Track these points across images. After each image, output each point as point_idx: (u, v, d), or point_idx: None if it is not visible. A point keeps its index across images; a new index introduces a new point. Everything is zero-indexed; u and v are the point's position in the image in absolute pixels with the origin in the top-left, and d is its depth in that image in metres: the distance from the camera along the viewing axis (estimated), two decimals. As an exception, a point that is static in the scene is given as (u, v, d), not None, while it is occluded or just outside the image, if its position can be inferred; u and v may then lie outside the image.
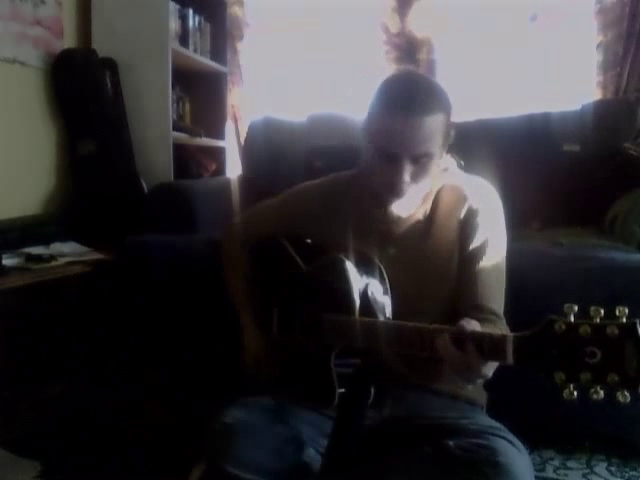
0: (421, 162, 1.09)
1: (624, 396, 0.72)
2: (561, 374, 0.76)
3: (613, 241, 1.78)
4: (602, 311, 0.74)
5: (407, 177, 1.09)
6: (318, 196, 1.31)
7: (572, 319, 0.76)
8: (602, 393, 0.73)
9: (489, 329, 0.98)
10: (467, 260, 1.15)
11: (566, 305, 0.77)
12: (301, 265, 1.28)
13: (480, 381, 0.99)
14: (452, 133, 1.14)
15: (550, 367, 0.77)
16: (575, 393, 0.75)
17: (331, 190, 1.30)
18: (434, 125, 1.07)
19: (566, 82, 2.71)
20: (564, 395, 0.75)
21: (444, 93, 1.13)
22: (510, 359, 0.84)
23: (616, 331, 0.72)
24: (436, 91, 1.11)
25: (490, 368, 0.91)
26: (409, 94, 1.07)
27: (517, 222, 1.26)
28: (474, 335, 0.88)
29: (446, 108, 1.10)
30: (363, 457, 1.07)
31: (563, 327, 0.76)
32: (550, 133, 2.22)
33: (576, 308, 0.76)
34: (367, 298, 1.09)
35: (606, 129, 2.17)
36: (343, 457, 1.06)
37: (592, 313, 0.75)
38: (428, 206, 1.20)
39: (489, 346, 0.86)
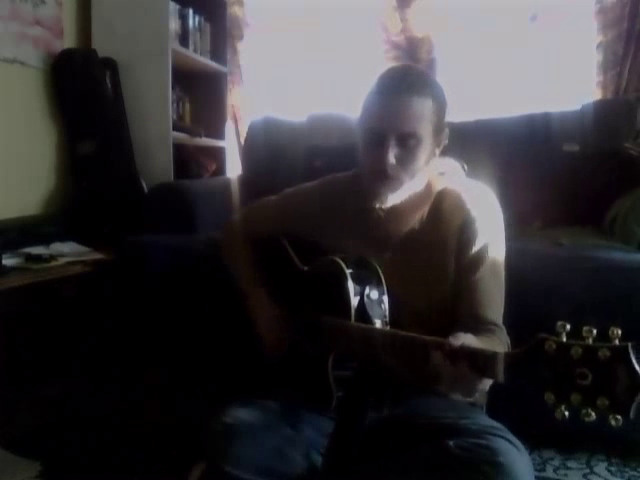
0: (408, 145, 1.10)
1: (616, 420, 0.70)
2: (551, 395, 0.74)
3: (613, 241, 1.78)
4: (594, 332, 0.72)
5: (392, 158, 1.09)
6: (317, 197, 1.31)
7: (564, 338, 0.74)
8: (593, 415, 0.72)
9: (488, 341, 0.98)
10: (466, 268, 1.14)
11: (558, 323, 0.74)
12: (299, 266, 1.28)
13: (476, 394, 0.98)
14: (446, 131, 1.16)
15: (541, 387, 0.76)
16: (566, 413, 0.73)
17: (329, 191, 1.31)
18: (422, 107, 1.09)
19: (566, 82, 2.71)
20: (556, 415, 0.74)
21: (438, 85, 1.16)
22: (500, 377, 0.83)
23: (608, 354, 0.70)
24: (429, 80, 1.15)
25: (486, 383, 0.91)
26: (400, 77, 1.11)
27: (517, 222, 1.27)
28: (465, 351, 0.87)
29: (437, 97, 1.13)
30: (363, 457, 1.07)
31: (554, 347, 0.74)
32: (550, 133, 2.22)
33: (568, 327, 0.74)
34: (364, 302, 1.08)
35: (606, 129, 2.17)
36: (343, 457, 1.06)
37: (584, 333, 0.72)
38: (425, 210, 1.19)
39: (480, 362, 0.85)
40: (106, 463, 1.53)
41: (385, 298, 1.10)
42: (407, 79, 1.10)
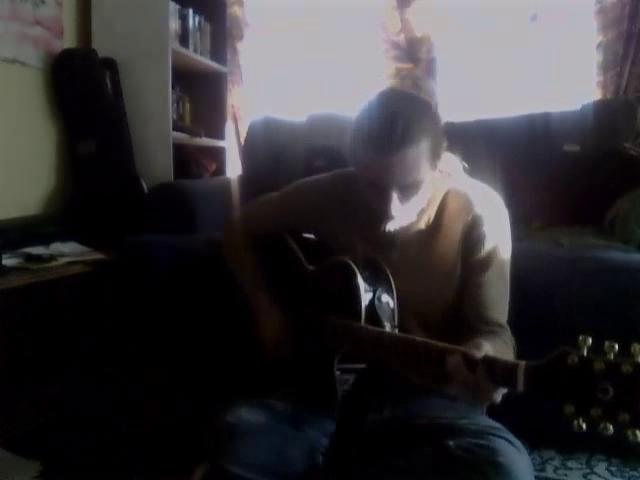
0: (410, 191, 1.08)
1: (634, 435, 0.71)
2: (571, 407, 0.75)
3: (613, 241, 1.78)
4: (616, 346, 0.73)
5: (396, 204, 1.08)
6: (321, 192, 1.29)
7: (585, 352, 0.75)
8: (612, 429, 0.72)
9: (495, 344, 0.98)
10: (472, 269, 1.14)
11: (580, 337, 0.75)
12: (305, 265, 1.27)
13: (485, 405, 0.98)
14: (444, 145, 1.11)
15: (561, 399, 0.76)
16: (584, 426, 0.74)
17: (334, 187, 1.28)
18: (418, 155, 1.04)
19: (566, 82, 2.71)
20: (574, 426, 0.75)
21: (428, 113, 1.09)
22: (521, 387, 0.83)
23: (631, 370, 0.71)
24: (419, 116, 1.06)
25: (500, 393, 0.90)
26: (389, 128, 1.02)
27: (517, 222, 1.26)
28: (487, 360, 0.88)
29: (431, 131, 1.06)
30: (364, 458, 1.07)
31: (576, 360, 0.75)
32: (550, 133, 2.22)
33: (590, 341, 0.75)
34: (373, 304, 1.09)
35: (606, 129, 2.17)
36: (344, 457, 1.06)
37: (606, 348, 0.74)
38: (432, 212, 1.18)
39: (501, 372, 0.86)
40: (106, 463, 1.53)
41: (394, 300, 1.11)
42: (397, 129, 1.01)
